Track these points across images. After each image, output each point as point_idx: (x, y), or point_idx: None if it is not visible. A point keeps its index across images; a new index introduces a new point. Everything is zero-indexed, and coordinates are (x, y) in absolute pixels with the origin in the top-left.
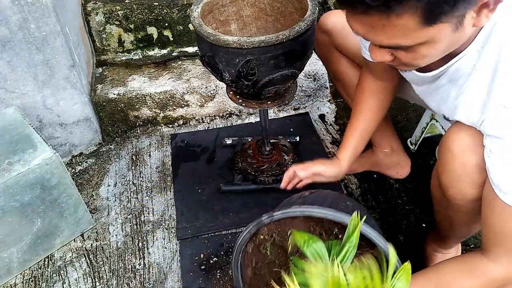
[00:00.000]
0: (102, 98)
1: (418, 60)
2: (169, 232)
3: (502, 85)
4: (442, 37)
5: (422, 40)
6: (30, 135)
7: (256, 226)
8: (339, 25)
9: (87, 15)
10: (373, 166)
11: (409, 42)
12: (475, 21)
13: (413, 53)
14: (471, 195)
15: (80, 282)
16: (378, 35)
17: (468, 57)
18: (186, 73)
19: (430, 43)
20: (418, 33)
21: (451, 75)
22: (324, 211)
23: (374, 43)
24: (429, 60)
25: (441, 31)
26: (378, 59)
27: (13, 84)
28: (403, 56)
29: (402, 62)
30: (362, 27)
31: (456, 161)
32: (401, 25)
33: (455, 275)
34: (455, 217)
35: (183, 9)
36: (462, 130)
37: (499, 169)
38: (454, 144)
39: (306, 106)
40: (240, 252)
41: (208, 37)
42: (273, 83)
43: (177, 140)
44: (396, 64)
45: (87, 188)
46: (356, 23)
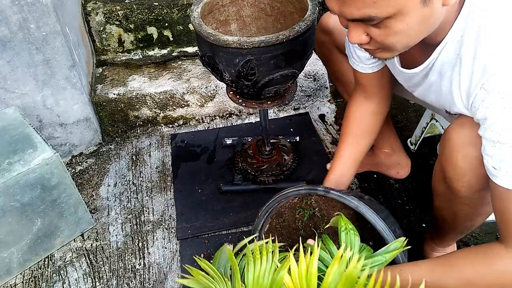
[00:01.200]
0: (102, 98)
1: (391, 37)
2: (169, 232)
3: (480, 69)
4: (411, 9)
5: (391, 11)
6: (30, 135)
7: (308, 190)
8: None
9: (87, 15)
10: (374, 166)
11: (379, 12)
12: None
13: (385, 29)
14: (476, 186)
15: (80, 282)
16: (349, 7)
17: (450, 47)
18: (186, 73)
19: (398, 15)
20: (386, 1)
21: (440, 70)
22: (375, 220)
23: (346, 17)
24: (403, 38)
25: (409, 2)
26: (355, 40)
27: (13, 84)
28: (377, 34)
29: (377, 42)
30: (335, 1)
31: (459, 153)
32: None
33: (471, 260)
34: (459, 211)
35: (183, 9)
36: (464, 124)
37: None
38: (456, 137)
39: (306, 106)
40: (279, 202)
41: (208, 37)
42: (273, 83)
43: (177, 140)
44: (373, 47)
45: (87, 188)
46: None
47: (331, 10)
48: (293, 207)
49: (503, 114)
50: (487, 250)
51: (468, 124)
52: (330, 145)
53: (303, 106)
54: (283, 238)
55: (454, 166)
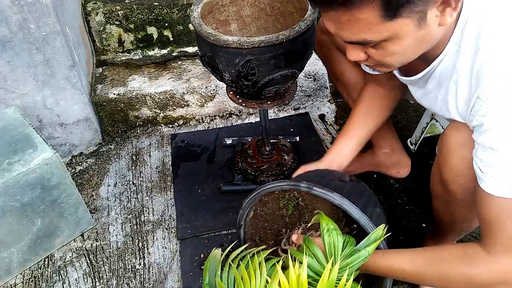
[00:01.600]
0: (102, 98)
1: (388, 57)
2: (169, 232)
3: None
4: (405, 33)
5: (386, 35)
6: (30, 135)
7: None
8: None
9: (87, 15)
10: (374, 166)
11: (374, 37)
12: (440, 20)
13: (382, 50)
14: (472, 189)
15: (80, 282)
16: (346, 31)
17: (449, 58)
18: (186, 73)
19: (394, 39)
20: (380, 27)
21: (438, 79)
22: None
23: (344, 40)
24: (399, 58)
25: (403, 27)
26: (353, 57)
27: (13, 84)
28: (374, 54)
29: (375, 60)
30: (332, 25)
31: (455, 156)
32: (363, 19)
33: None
34: (456, 213)
35: (183, 9)
36: (459, 127)
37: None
38: (452, 140)
39: (306, 106)
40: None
41: (208, 37)
42: (273, 83)
43: (177, 140)
44: (371, 63)
45: (87, 188)
46: (328, 21)
47: (329, 30)
48: (277, 197)
49: (497, 122)
50: (467, 251)
51: (464, 127)
52: (330, 145)
53: (303, 106)
54: (268, 225)
55: (450, 168)
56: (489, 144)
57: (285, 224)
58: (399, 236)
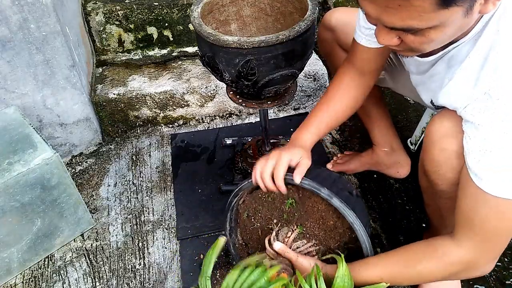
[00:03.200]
0: (102, 98)
1: (425, 44)
2: (169, 232)
3: (490, 73)
4: (453, 21)
5: (435, 23)
6: (30, 135)
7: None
8: (343, 22)
9: (87, 15)
10: (373, 165)
11: (422, 25)
12: (481, 8)
13: (422, 37)
14: (452, 179)
15: (80, 282)
16: (392, 16)
17: (465, 44)
18: (186, 73)
19: (440, 27)
20: (432, 15)
21: (447, 62)
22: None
23: (385, 24)
24: (435, 45)
25: (453, 15)
26: (385, 42)
27: (13, 84)
28: (411, 40)
29: (409, 46)
30: (375, 8)
31: (436, 147)
32: (417, 5)
33: (421, 255)
34: (442, 205)
35: (183, 9)
36: (444, 118)
37: (477, 154)
38: (435, 131)
39: (306, 106)
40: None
41: (208, 37)
42: (273, 83)
43: (177, 140)
44: (401, 48)
45: (87, 188)
46: (370, 3)
47: (366, 13)
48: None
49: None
50: (438, 248)
51: (447, 118)
52: (330, 145)
53: (303, 106)
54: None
55: (431, 159)
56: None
57: (279, 216)
58: (399, 236)
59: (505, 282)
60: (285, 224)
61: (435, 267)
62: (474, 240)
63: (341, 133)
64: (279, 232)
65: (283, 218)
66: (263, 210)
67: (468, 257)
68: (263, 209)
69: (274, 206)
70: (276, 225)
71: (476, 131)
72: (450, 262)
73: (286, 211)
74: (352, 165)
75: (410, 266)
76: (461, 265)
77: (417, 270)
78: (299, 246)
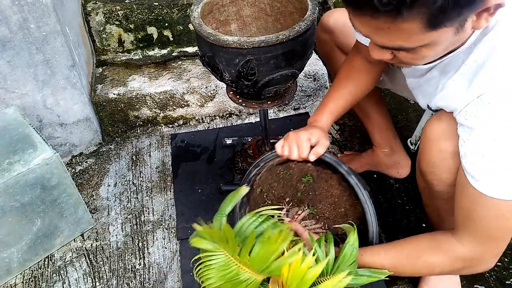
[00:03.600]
0: (102, 98)
1: (418, 60)
2: (169, 232)
3: (484, 78)
4: (443, 40)
5: (425, 43)
6: (30, 135)
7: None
8: (341, 23)
9: (87, 15)
10: (374, 166)
11: (412, 45)
12: (474, 24)
13: (414, 54)
14: (448, 180)
15: (80, 282)
16: (382, 37)
17: (461, 53)
18: (186, 73)
19: (431, 45)
20: (421, 36)
21: (443, 68)
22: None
23: (376, 43)
24: (428, 59)
25: (443, 35)
26: (378, 57)
27: (13, 84)
28: (404, 56)
29: (401, 61)
30: (366, 28)
31: (433, 148)
32: (405, 28)
33: (424, 248)
34: (440, 205)
35: (183, 9)
36: (440, 119)
37: (471, 157)
38: (432, 132)
39: (306, 106)
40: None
41: (208, 37)
42: (273, 83)
43: (177, 140)
44: (395, 62)
45: (87, 188)
46: (360, 24)
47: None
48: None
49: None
50: (440, 244)
51: (444, 119)
52: (330, 145)
53: (303, 106)
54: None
55: (427, 160)
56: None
57: (292, 195)
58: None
59: (505, 282)
60: (296, 205)
61: (438, 261)
62: (475, 240)
63: (341, 133)
64: (290, 210)
65: (297, 197)
66: (277, 187)
67: (470, 255)
68: (278, 186)
69: (290, 184)
70: (287, 204)
71: (469, 135)
72: (453, 257)
73: (301, 189)
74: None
75: (412, 257)
76: (464, 262)
77: (419, 263)
78: (307, 224)
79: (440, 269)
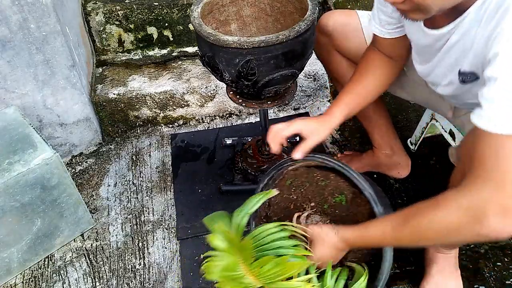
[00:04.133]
0: (102, 98)
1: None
2: (169, 232)
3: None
4: None
5: None
6: (30, 135)
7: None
8: (340, 25)
9: (87, 15)
10: (374, 167)
11: None
12: None
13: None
14: None
15: (80, 282)
16: None
17: (475, 8)
18: (186, 73)
19: None
20: None
21: (464, 30)
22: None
23: None
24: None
25: None
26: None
27: (13, 84)
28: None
29: (415, 4)
30: None
31: None
32: None
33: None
34: None
35: (183, 9)
36: None
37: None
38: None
39: (306, 106)
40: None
41: (208, 37)
42: (273, 83)
43: (177, 140)
44: (408, 7)
45: (87, 188)
46: None
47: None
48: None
49: (507, 53)
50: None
51: None
52: (330, 145)
53: (303, 106)
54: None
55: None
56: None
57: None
58: None
59: (505, 282)
60: (319, 214)
61: (438, 217)
62: (477, 181)
63: (341, 133)
64: (311, 216)
65: (322, 207)
66: (308, 188)
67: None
68: (309, 188)
69: (322, 192)
70: (311, 209)
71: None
72: (454, 207)
73: (330, 203)
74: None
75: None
76: (466, 211)
77: (418, 222)
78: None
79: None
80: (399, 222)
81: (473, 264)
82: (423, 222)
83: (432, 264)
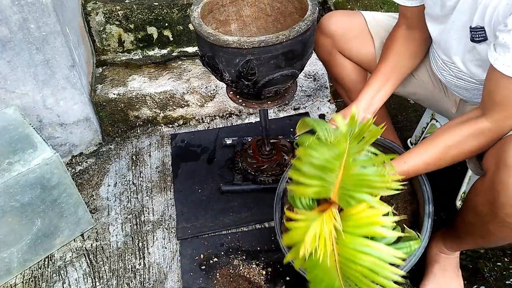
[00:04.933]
0: (102, 98)
1: None
2: (169, 232)
3: None
4: None
5: None
6: (30, 135)
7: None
8: (342, 26)
9: (87, 15)
10: None
11: None
12: None
13: None
14: None
15: (80, 282)
16: None
17: None
18: (186, 73)
19: None
20: None
21: None
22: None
23: None
24: None
25: None
26: None
27: (13, 84)
28: None
29: None
30: None
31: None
32: None
33: (462, 138)
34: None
35: (183, 9)
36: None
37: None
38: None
39: (306, 106)
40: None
41: (208, 37)
42: (273, 83)
43: (177, 140)
44: None
45: (87, 188)
46: None
47: None
48: None
49: None
50: (476, 127)
51: None
52: None
53: (303, 106)
54: None
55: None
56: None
57: None
58: None
59: (505, 282)
60: None
61: (475, 144)
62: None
63: None
64: None
65: None
66: None
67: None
68: None
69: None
70: None
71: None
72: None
73: None
74: None
75: (453, 148)
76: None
77: (460, 148)
78: None
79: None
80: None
81: (473, 264)
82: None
83: (434, 263)
